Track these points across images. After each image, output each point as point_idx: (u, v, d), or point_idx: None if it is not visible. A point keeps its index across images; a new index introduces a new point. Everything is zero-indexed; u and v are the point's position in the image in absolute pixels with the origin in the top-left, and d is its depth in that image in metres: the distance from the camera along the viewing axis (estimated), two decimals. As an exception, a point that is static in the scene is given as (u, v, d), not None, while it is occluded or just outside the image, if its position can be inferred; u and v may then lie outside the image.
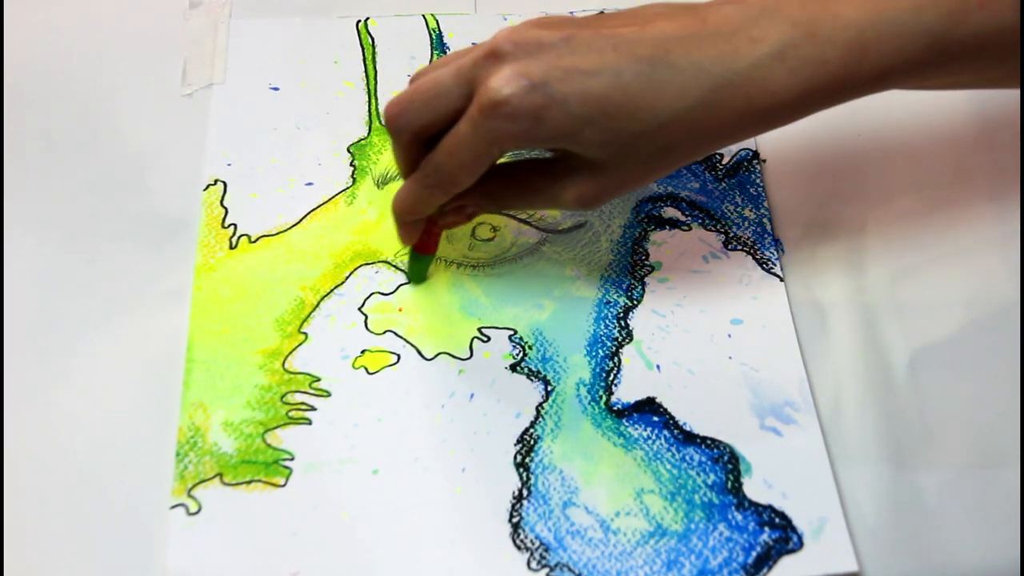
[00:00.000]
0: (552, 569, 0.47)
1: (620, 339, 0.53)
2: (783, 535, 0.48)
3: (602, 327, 0.54)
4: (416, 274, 0.55)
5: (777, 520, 0.48)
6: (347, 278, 0.55)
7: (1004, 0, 0.43)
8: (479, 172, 0.47)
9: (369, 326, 0.54)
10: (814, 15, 0.43)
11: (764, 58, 0.43)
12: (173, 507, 0.48)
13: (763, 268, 0.56)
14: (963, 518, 0.49)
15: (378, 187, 0.58)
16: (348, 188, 0.58)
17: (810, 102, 0.45)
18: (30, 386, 0.52)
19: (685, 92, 0.44)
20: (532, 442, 0.50)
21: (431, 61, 0.63)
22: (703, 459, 0.50)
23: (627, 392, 0.52)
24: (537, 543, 0.48)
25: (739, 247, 0.56)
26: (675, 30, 0.44)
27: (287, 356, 0.53)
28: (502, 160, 0.48)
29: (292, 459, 0.50)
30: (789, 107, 0.44)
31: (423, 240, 0.52)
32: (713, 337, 0.53)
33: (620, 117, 0.44)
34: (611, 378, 0.52)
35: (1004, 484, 0.50)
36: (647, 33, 0.44)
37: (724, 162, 0.59)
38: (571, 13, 0.65)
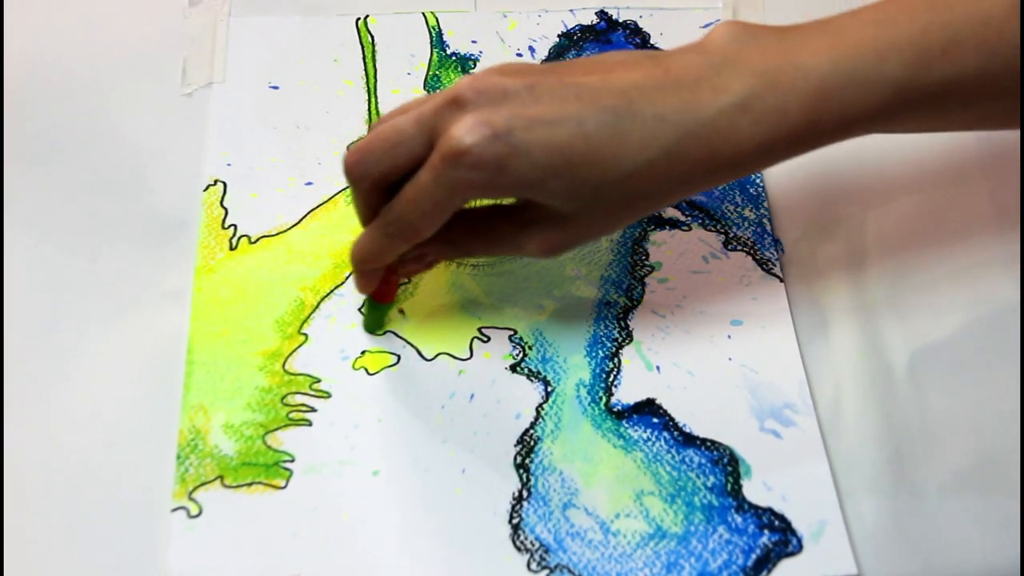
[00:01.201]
0: (552, 570, 0.47)
1: (620, 340, 0.53)
2: (782, 538, 0.48)
3: (602, 327, 0.54)
4: (373, 322, 0.54)
5: (777, 523, 0.48)
6: (347, 278, 0.55)
7: (967, 48, 0.43)
8: (441, 221, 0.46)
9: (369, 326, 0.54)
10: (776, 65, 0.43)
11: (727, 108, 0.43)
12: (174, 510, 0.48)
13: (763, 268, 0.56)
14: (963, 519, 0.49)
15: (378, 186, 0.58)
16: (348, 187, 0.58)
17: (774, 152, 0.44)
18: (30, 388, 0.52)
19: (649, 143, 0.43)
20: (532, 443, 0.50)
21: (431, 59, 0.63)
22: (703, 461, 0.50)
23: (627, 393, 0.52)
24: (537, 544, 0.48)
25: (739, 247, 0.56)
26: (638, 79, 0.44)
27: (287, 357, 0.53)
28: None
29: (292, 461, 0.50)
30: (753, 157, 0.44)
31: (381, 288, 0.51)
32: (713, 338, 0.53)
33: (584, 167, 0.43)
34: (611, 379, 0.52)
35: (1004, 485, 0.50)
36: (610, 82, 0.44)
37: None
38: (571, 12, 0.65)
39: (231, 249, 0.56)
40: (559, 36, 0.64)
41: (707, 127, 0.43)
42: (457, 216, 0.46)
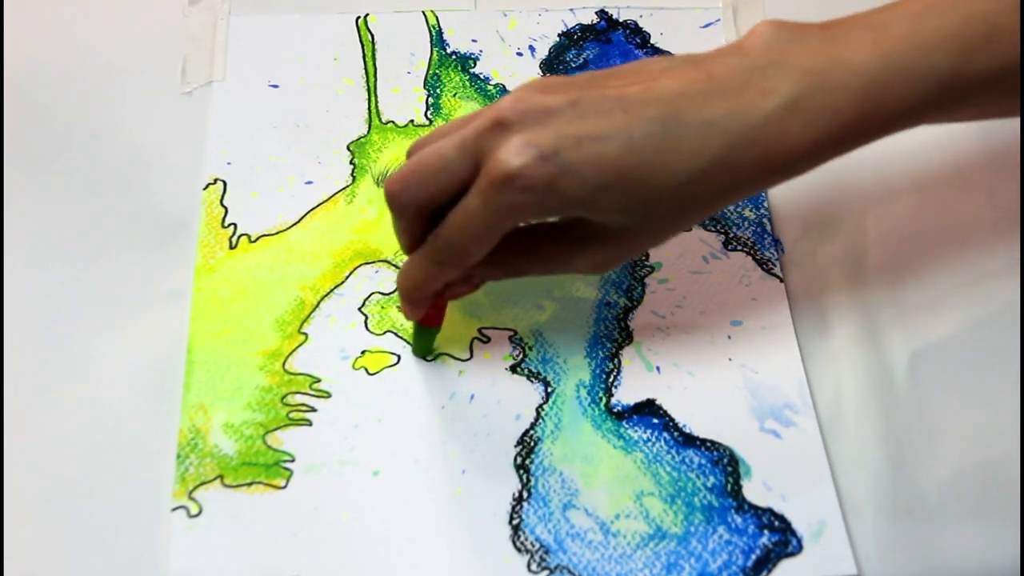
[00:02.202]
0: (552, 571, 0.47)
1: (620, 340, 0.53)
2: (782, 538, 0.48)
3: (602, 328, 0.54)
4: (422, 348, 0.53)
5: (776, 523, 0.48)
6: (347, 278, 0.55)
7: (1009, 35, 0.43)
8: (491, 245, 0.45)
9: (369, 326, 0.54)
10: (823, 64, 0.43)
11: (777, 110, 0.42)
12: (174, 509, 0.48)
13: (763, 269, 0.56)
14: (963, 519, 0.49)
15: (378, 185, 0.58)
16: (348, 186, 0.58)
17: (825, 151, 0.44)
18: (30, 387, 0.52)
19: (699, 151, 0.42)
20: (532, 444, 0.50)
21: (431, 57, 0.63)
22: (703, 461, 0.50)
23: (627, 394, 0.52)
24: (537, 545, 0.48)
25: (739, 247, 0.56)
26: (682, 87, 0.43)
27: (287, 357, 0.53)
28: None
29: (292, 461, 0.50)
30: (805, 158, 0.44)
31: (429, 314, 0.51)
32: (713, 338, 0.53)
33: (635, 181, 0.43)
34: (611, 380, 0.52)
35: (1004, 485, 0.50)
36: (654, 91, 0.43)
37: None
38: (571, 11, 0.64)
39: (231, 248, 0.56)
40: (559, 35, 0.64)
41: (757, 131, 0.42)
42: (504, 236, 0.45)
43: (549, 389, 0.52)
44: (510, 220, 0.44)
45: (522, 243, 0.48)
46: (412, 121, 0.61)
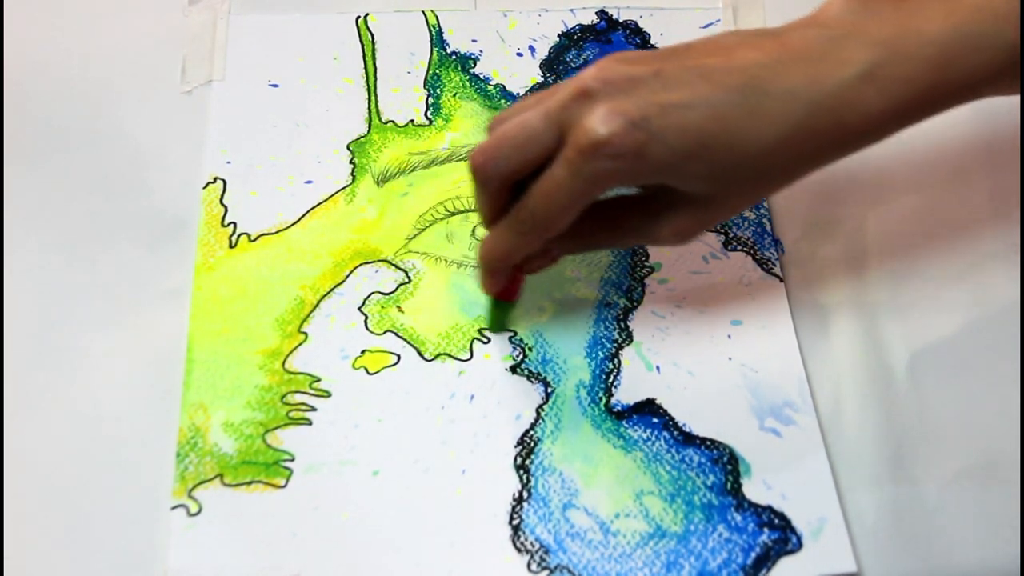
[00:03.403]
0: (552, 571, 0.47)
1: (620, 341, 0.53)
2: (782, 536, 0.48)
3: (602, 328, 0.54)
4: (499, 321, 0.53)
5: (776, 521, 0.48)
6: (347, 277, 0.55)
7: None
8: (575, 215, 0.46)
9: (369, 326, 0.54)
10: (896, 34, 0.43)
11: (853, 79, 0.43)
12: (174, 508, 0.48)
13: (763, 268, 0.56)
14: (963, 518, 0.49)
15: (378, 185, 0.58)
16: (348, 186, 0.58)
17: (900, 119, 0.44)
18: (30, 386, 0.52)
19: (779, 118, 0.43)
20: (532, 444, 0.50)
21: (431, 57, 0.63)
22: (703, 460, 0.50)
23: (627, 394, 0.52)
24: (537, 545, 0.48)
25: (739, 247, 0.56)
26: (760, 57, 0.44)
27: (287, 356, 0.53)
28: None
29: (292, 460, 0.50)
30: (880, 126, 0.44)
31: (507, 287, 0.51)
32: (713, 338, 0.53)
33: (719, 148, 0.43)
34: (611, 380, 0.52)
35: (1004, 484, 0.50)
36: (734, 62, 0.44)
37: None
38: (571, 11, 0.65)
39: (231, 247, 0.56)
40: (559, 36, 0.64)
41: (835, 99, 0.43)
42: (584, 210, 0.46)
43: (549, 389, 0.52)
44: (596, 188, 0.45)
45: (602, 216, 0.48)
46: (412, 121, 0.61)
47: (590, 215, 0.47)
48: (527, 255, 0.49)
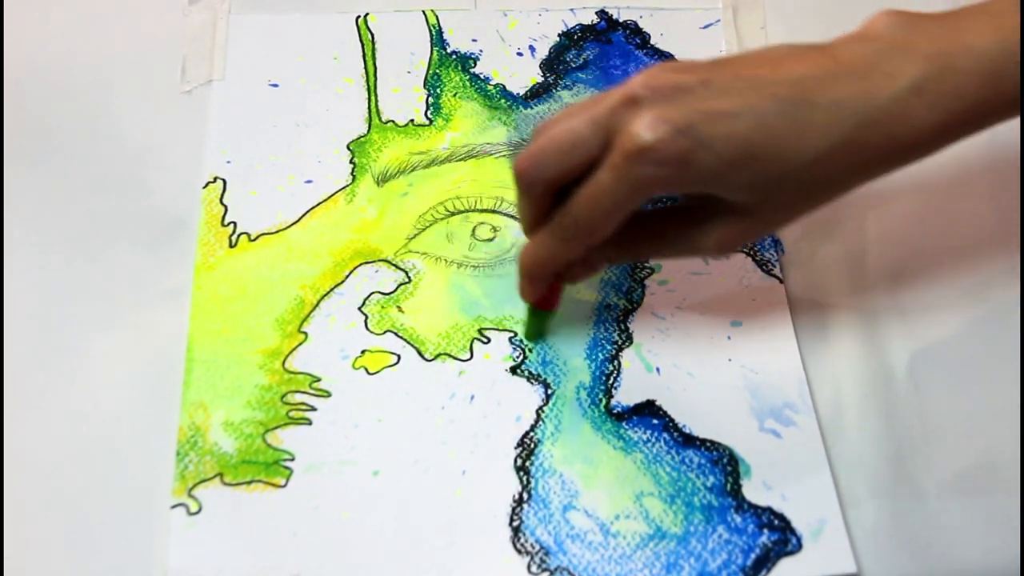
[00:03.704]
0: (552, 573, 0.47)
1: (620, 342, 0.53)
2: (782, 537, 0.48)
3: (602, 330, 0.54)
4: (535, 331, 0.53)
5: (776, 522, 0.48)
6: (347, 277, 0.55)
7: None
8: (618, 222, 0.45)
9: (369, 326, 0.54)
10: (946, 48, 0.43)
11: (902, 93, 0.43)
12: (174, 507, 0.48)
13: (763, 269, 0.56)
14: (963, 519, 0.49)
15: (378, 185, 0.58)
16: (348, 186, 0.58)
17: (950, 133, 0.44)
18: (30, 386, 0.52)
19: (828, 130, 0.43)
20: (532, 445, 0.50)
21: (431, 57, 0.63)
22: (702, 461, 0.50)
23: (627, 395, 0.52)
24: (537, 547, 0.48)
25: (739, 248, 0.56)
26: (809, 69, 0.44)
27: (287, 356, 0.53)
28: None
29: (292, 459, 0.50)
30: (930, 140, 0.44)
31: (546, 296, 0.51)
32: (713, 339, 0.53)
33: (765, 158, 0.43)
34: (611, 381, 0.52)
35: (1004, 485, 0.50)
36: (782, 74, 0.43)
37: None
38: (571, 11, 0.64)
39: (231, 247, 0.56)
40: (559, 35, 0.64)
41: (884, 112, 0.43)
42: (628, 220, 0.46)
43: (549, 391, 0.52)
44: (640, 195, 0.44)
45: (646, 225, 0.48)
46: (412, 120, 0.60)
47: (633, 224, 0.47)
48: (568, 263, 0.48)
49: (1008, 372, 0.53)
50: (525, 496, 0.49)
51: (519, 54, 0.63)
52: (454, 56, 0.63)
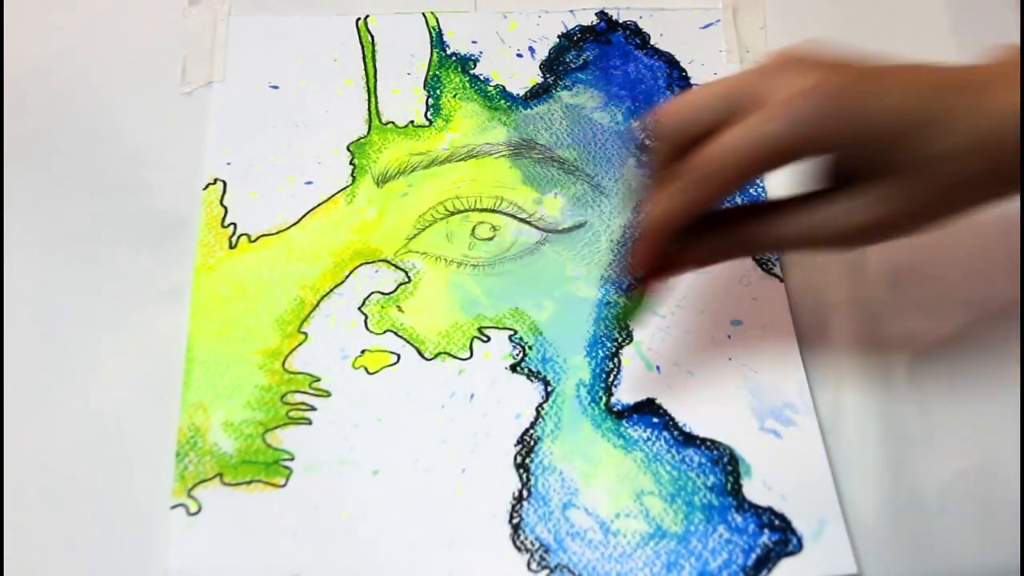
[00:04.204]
0: (552, 570, 0.47)
1: (620, 340, 0.53)
2: (782, 537, 0.48)
3: (602, 328, 0.54)
4: (635, 311, 0.50)
5: (776, 522, 0.48)
6: (347, 277, 0.55)
7: None
8: (750, 177, 0.44)
9: (369, 326, 0.54)
10: None
11: None
12: (173, 507, 0.48)
13: (763, 268, 0.56)
14: (963, 518, 0.49)
15: (378, 185, 0.58)
16: (348, 187, 0.58)
17: None
18: (30, 386, 0.52)
19: (961, 130, 0.42)
20: (532, 443, 0.50)
21: (431, 59, 0.63)
22: (703, 461, 0.50)
23: (627, 393, 0.52)
24: (537, 544, 0.48)
25: (739, 247, 0.56)
26: (946, 72, 0.43)
27: (287, 356, 0.53)
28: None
29: (292, 459, 0.50)
30: None
31: (650, 275, 0.47)
32: (713, 338, 0.53)
33: (916, 136, 0.42)
34: (611, 379, 0.52)
35: (1004, 484, 0.50)
36: (921, 72, 0.43)
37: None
38: (571, 12, 0.65)
39: (231, 248, 0.56)
40: (559, 37, 0.64)
41: (1012, 123, 0.42)
42: (747, 211, 0.45)
43: (549, 388, 0.52)
44: (775, 154, 0.43)
45: (766, 215, 0.46)
46: (412, 122, 0.61)
47: (753, 215, 0.46)
48: (688, 221, 0.45)
49: (1008, 373, 0.52)
50: (525, 494, 0.49)
51: (519, 55, 0.63)
52: (454, 58, 0.63)
